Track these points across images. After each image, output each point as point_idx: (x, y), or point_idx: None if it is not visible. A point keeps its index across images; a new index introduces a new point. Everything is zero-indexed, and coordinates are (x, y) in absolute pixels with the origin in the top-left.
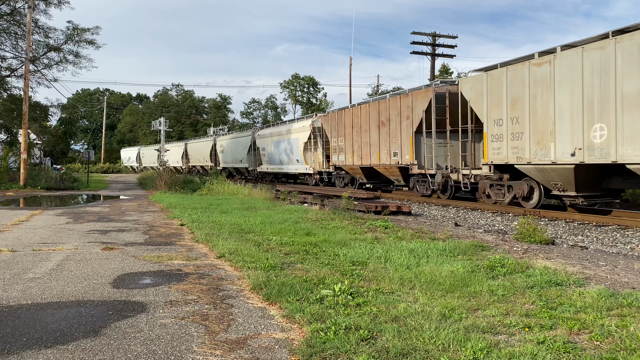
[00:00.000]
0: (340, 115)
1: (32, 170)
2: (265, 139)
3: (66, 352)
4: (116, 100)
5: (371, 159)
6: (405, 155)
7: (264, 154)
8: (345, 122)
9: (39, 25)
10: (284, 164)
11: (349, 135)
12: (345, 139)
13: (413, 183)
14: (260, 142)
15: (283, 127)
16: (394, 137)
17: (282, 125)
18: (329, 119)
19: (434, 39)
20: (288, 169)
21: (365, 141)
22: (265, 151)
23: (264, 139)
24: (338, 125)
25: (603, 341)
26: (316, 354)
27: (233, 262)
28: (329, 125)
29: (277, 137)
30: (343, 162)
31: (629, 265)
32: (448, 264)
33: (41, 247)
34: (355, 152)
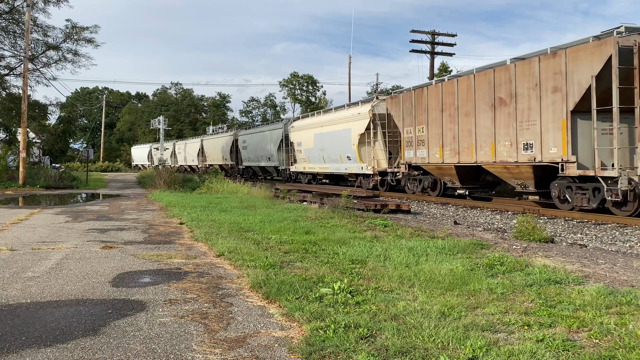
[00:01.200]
0: (420, 96)
1: (31, 169)
2: (302, 132)
3: (66, 351)
4: (115, 98)
5: (478, 154)
6: (549, 147)
7: (299, 149)
8: (429, 104)
9: (37, 24)
10: (328, 162)
11: (436, 121)
12: (429, 127)
13: (558, 191)
14: (295, 135)
15: (328, 116)
16: (525, 120)
17: (327, 114)
18: (398, 102)
19: (433, 38)
20: (335, 169)
21: (466, 129)
22: (302, 146)
23: (300, 132)
24: (415, 109)
25: (602, 339)
26: (315, 352)
27: (232, 260)
28: (398, 110)
29: (320, 128)
30: (424, 159)
31: (628, 264)
32: (447, 262)
33: (40, 245)
34: (447, 145)
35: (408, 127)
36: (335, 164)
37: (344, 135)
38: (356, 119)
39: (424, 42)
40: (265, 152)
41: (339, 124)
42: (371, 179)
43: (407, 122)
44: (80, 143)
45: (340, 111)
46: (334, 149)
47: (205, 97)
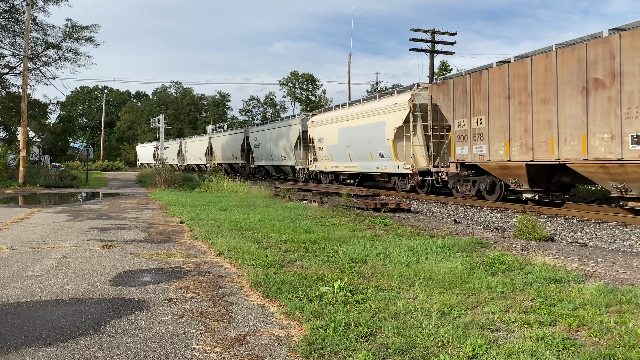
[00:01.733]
0: (477, 81)
1: (31, 168)
2: (323, 126)
3: (66, 350)
4: (115, 97)
5: (560, 149)
6: None
7: (320, 146)
8: (490, 90)
9: (37, 23)
10: (356, 160)
11: (500, 111)
12: (490, 117)
13: None
14: (315, 131)
15: (355, 108)
16: (636, 106)
17: (354, 106)
18: (447, 90)
19: (433, 36)
20: (364, 168)
21: (543, 119)
22: (324, 143)
23: (321, 127)
24: (470, 96)
25: (602, 337)
26: (316, 351)
27: (232, 259)
28: (446, 99)
29: (346, 122)
30: (482, 157)
31: (628, 262)
32: (447, 261)
33: (40, 244)
34: (516, 140)
35: (460, 119)
36: (364, 162)
37: (375, 129)
38: (391, 111)
39: (424, 40)
40: (280, 150)
41: (370, 116)
42: (409, 180)
43: (459, 113)
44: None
45: (371, 102)
46: (363, 145)
47: (205, 96)
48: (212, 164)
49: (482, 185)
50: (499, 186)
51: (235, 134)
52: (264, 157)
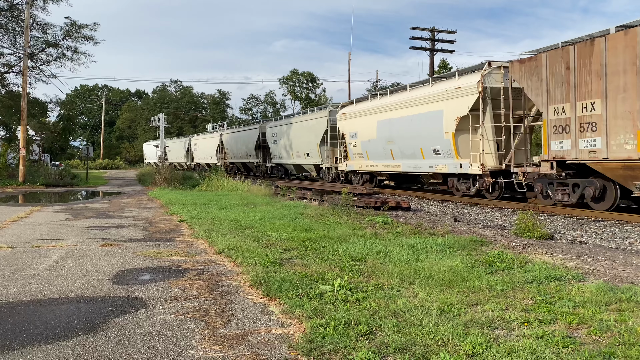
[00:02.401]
0: (586, 53)
1: (30, 166)
2: (357, 119)
3: (66, 348)
4: (115, 96)
5: None
6: None
7: (353, 142)
8: (609, 63)
9: (37, 21)
10: (400, 158)
11: (625, 90)
12: (608, 100)
13: None
14: (346, 124)
15: (400, 96)
16: None
17: (397, 94)
18: (538, 67)
19: (433, 35)
20: (412, 167)
21: None
22: (358, 138)
23: (354, 120)
24: (575, 74)
25: (602, 336)
26: (316, 349)
27: (232, 258)
28: (535, 80)
29: (387, 113)
30: (595, 154)
31: (628, 260)
32: (447, 259)
33: (40, 243)
34: None
35: (558, 104)
36: (411, 160)
37: (429, 120)
38: (452, 96)
39: (424, 39)
40: (302, 147)
41: (422, 104)
42: (475, 182)
43: (555, 96)
44: (80, 141)
45: (422, 88)
46: (411, 140)
47: (205, 95)
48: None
49: (588, 191)
50: (613, 192)
51: (249, 130)
52: (283, 155)
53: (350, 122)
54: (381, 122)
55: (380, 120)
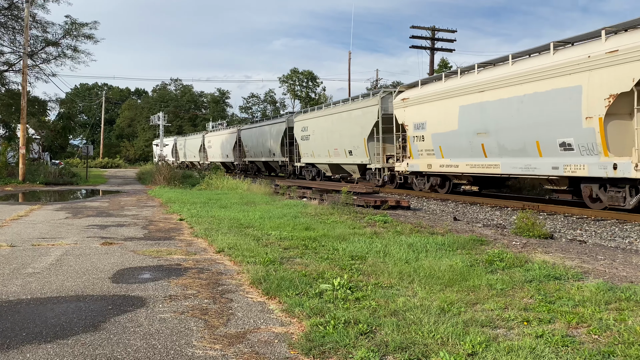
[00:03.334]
0: None
1: (30, 165)
2: (424, 106)
3: (66, 347)
4: (115, 95)
5: None
6: None
7: (419, 135)
8: None
9: (36, 20)
10: (498, 155)
11: None
12: None
13: None
14: (407, 113)
15: (499, 71)
16: None
17: (492, 68)
18: None
19: (433, 34)
20: (521, 167)
21: None
22: (427, 129)
23: (419, 108)
24: None
25: (601, 335)
26: (315, 348)
27: (232, 256)
28: None
29: (476, 94)
30: None
31: (628, 260)
32: (447, 258)
33: (40, 242)
34: None
35: None
36: (518, 158)
37: (554, 101)
38: (603, 65)
39: (424, 37)
40: (343, 143)
41: (540, 80)
42: None
43: None
44: (79, 139)
45: (539, 57)
46: (520, 130)
47: (204, 93)
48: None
49: None
50: None
51: (274, 124)
52: (316, 153)
53: (415, 110)
54: (466, 107)
55: (465, 106)
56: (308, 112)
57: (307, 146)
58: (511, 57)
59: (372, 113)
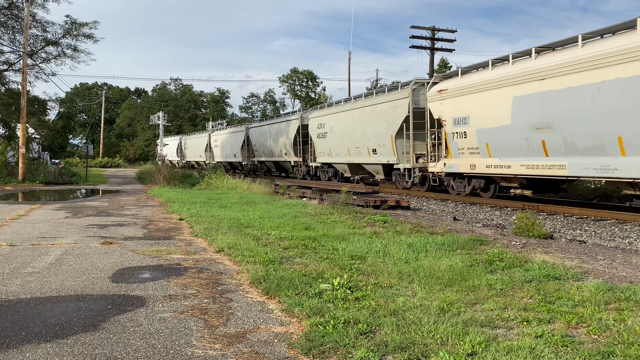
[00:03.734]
0: None
1: (30, 164)
2: (469, 97)
3: (66, 346)
4: (114, 94)
5: None
6: None
7: (460, 131)
8: None
9: (36, 19)
10: (565, 154)
11: None
12: None
13: None
14: (445, 106)
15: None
16: None
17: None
18: None
19: (433, 33)
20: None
21: None
22: (472, 124)
23: (463, 99)
24: None
25: (601, 335)
26: (315, 348)
27: (232, 256)
28: None
29: (538, 82)
30: None
31: (627, 260)
32: (447, 258)
33: (40, 241)
34: None
35: None
36: (592, 157)
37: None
38: None
39: (424, 37)
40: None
41: (620, 64)
42: None
43: None
44: (79, 139)
45: (620, 37)
46: (594, 124)
47: (204, 93)
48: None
49: None
50: None
51: (285, 121)
52: (334, 152)
53: (455, 103)
54: (522, 98)
55: (521, 96)
56: (325, 108)
57: (323, 144)
58: (581, 39)
59: (402, 107)
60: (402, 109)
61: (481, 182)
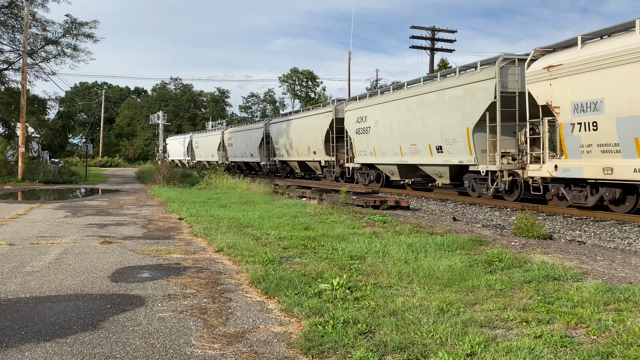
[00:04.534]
0: None
1: (30, 163)
2: (600, 72)
3: (65, 346)
4: (114, 93)
5: None
6: None
7: (590, 122)
8: None
9: (36, 19)
10: None
11: None
12: None
13: None
14: (551, 88)
15: None
16: None
17: None
18: None
19: (433, 34)
20: None
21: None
22: (609, 110)
23: (584, 78)
24: None
25: (600, 335)
26: (314, 348)
27: (231, 256)
28: None
29: None
30: None
31: (626, 260)
32: (446, 258)
33: (39, 240)
34: None
35: None
36: None
37: None
38: None
39: (424, 38)
40: (427, 137)
41: None
42: None
43: None
44: (79, 138)
45: None
46: None
47: (204, 93)
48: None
49: None
50: None
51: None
52: (380, 150)
53: (576, 82)
54: None
55: None
56: (367, 98)
57: (365, 142)
58: None
59: (484, 91)
60: (484, 94)
61: (615, 192)
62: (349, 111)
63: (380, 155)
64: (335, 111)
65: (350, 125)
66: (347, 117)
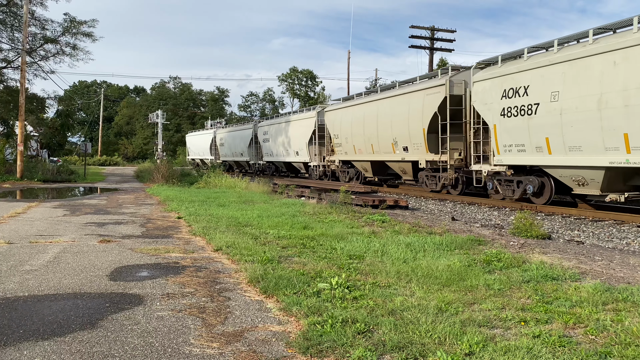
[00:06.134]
0: None
1: (28, 162)
2: None
3: (63, 344)
4: (113, 92)
5: None
6: None
7: None
8: None
9: (35, 17)
10: None
11: None
12: None
13: None
14: None
15: None
16: None
17: None
18: None
19: (433, 33)
20: None
21: None
22: None
23: None
24: None
25: (598, 335)
26: (313, 347)
27: (230, 255)
28: None
29: None
30: None
31: (625, 260)
32: (445, 258)
33: (38, 239)
34: None
35: None
36: None
37: None
38: None
39: (423, 37)
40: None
41: None
42: None
43: None
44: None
45: None
46: None
47: (203, 92)
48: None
49: None
50: None
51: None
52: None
53: None
54: None
55: None
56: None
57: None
58: None
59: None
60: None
61: None
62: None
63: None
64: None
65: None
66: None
